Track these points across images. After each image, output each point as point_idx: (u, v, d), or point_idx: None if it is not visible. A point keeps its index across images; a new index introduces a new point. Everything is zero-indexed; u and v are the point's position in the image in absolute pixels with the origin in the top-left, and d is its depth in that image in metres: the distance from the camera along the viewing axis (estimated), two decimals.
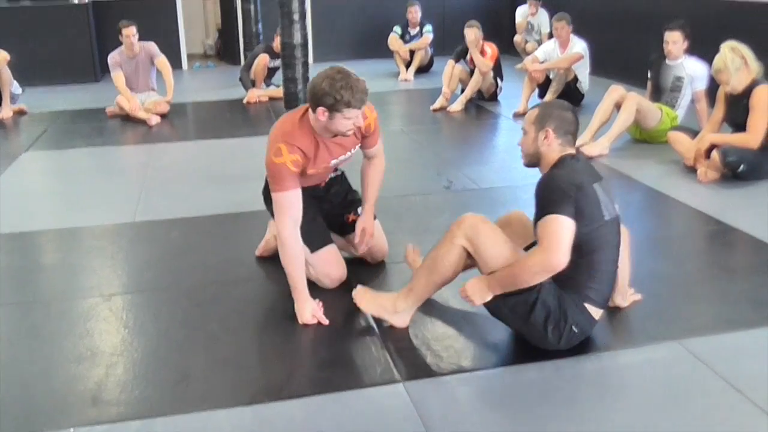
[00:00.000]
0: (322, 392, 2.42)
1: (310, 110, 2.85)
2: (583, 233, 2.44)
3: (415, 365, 2.58)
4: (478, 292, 2.56)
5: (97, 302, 3.12)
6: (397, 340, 2.73)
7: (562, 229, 2.40)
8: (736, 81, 4.36)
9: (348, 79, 2.73)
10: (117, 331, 2.88)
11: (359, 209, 3.33)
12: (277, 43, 7.30)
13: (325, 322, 2.85)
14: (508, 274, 2.49)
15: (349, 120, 2.79)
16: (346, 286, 3.14)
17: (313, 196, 3.14)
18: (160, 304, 3.12)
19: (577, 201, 2.42)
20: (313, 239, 3.07)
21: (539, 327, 2.51)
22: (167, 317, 3.00)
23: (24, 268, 3.58)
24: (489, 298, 2.55)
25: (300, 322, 2.85)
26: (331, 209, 3.33)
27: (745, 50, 4.37)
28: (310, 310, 2.86)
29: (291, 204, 2.85)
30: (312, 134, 2.90)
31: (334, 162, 3.06)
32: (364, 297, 2.86)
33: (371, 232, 3.27)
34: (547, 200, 2.45)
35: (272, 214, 3.16)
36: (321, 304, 2.90)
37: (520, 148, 2.70)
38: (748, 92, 4.35)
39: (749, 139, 4.36)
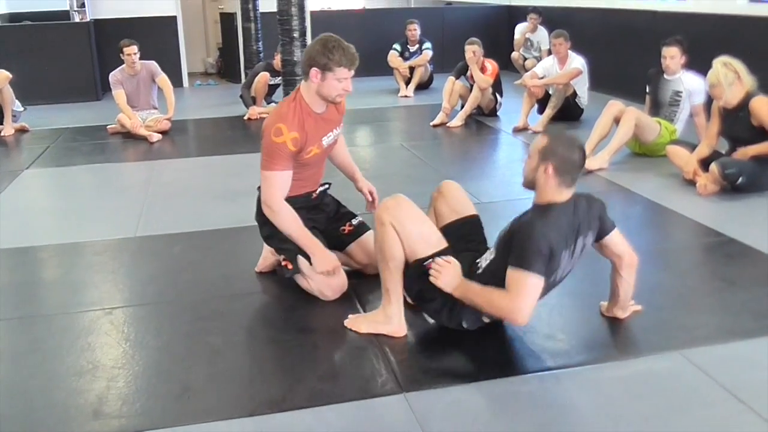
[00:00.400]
0: (323, 404, 2.42)
1: (302, 84, 3.05)
2: None
3: (416, 376, 2.58)
4: (449, 280, 2.63)
5: (98, 316, 3.13)
6: (398, 352, 2.73)
7: (532, 289, 2.46)
8: (730, 95, 4.39)
9: (340, 42, 2.95)
10: (118, 345, 2.88)
11: (354, 220, 3.37)
12: (277, 61, 7.34)
13: (343, 275, 3.02)
14: (477, 295, 2.58)
15: (339, 83, 2.95)
16: (346, 297, 3.16)
17: (307, 208, 3.20)
18: (161, 318, 3.13)
19: (546, 261, 2.47)
20: None
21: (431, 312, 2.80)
22: (168, 331, 3.01)
23: (26, 283, 3.58)
24: (449, 291, 2.63)
25: (319, 270, 2.97)
26: (327, 223, 3.35)
27: (737, 65, 4.40)
28: (329, 257, 2.97)
29: (283, 182, 3.01)
30: (305, 111, 3.04)
31: (324, 140, 3.17)
32: (356, 322, 2.91)
33: (374, 191, 3.44)
34: (523, 249, 2.46)
35: (265, 239, 3.25)
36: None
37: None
38: (742, 105, 4.39)
39: None
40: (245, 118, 7.56)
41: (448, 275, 2.64)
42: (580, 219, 2.60)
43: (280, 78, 7.55)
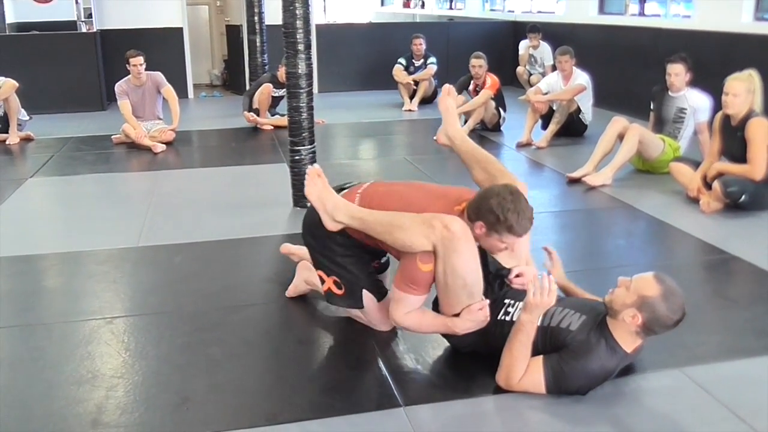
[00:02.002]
0: (323, 417, 2.42)
1: (466, 217, 2.64)
2: None
3: (416, 390, 2.58)
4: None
5: (99, 325, 3.13)
6: (398, 365, 2.73)
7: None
8: (740, 103, 4.39)
9: (518, 203, 2.53)
10: (118, 354, 2.87)
11: (383, 257, 3.18)
12: (281, 73, 7.36)
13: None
14: (511, 355, 2.52)
15: (503, 244, 2.60)
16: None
17: (367, 252, 3.02)
18: (162, 328, 3.12)
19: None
20: (379, 289, 2.99)
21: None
22: (169, 341, 3.00)
23: (27, 291, 3.58)
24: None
25: (467, 328, 2.64)
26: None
27: (758, 81, 4.43)
28: (471, 319, 2.63)
29: (416, 304, 2.70)
30: None
31: None
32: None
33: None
34: (575, 370, 2.46)
35: (316, 265, 3.05)
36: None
37: None
38: (742, 124, 4.40)
39: (751, 171, 4.39)
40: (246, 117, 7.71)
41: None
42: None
43: (284, 90, 7.58)
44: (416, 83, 9.06)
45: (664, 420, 2.36)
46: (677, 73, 5.33)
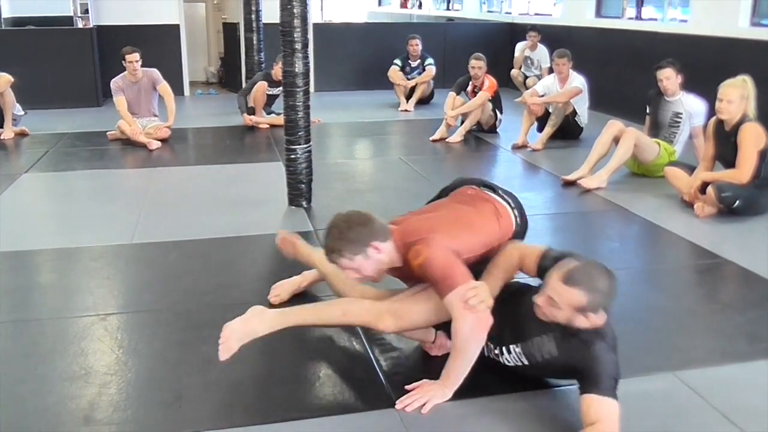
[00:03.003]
0: (315, 415, 2.42)
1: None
2: None
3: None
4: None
5: (92, 322, 3.12)
6: (391, 365, 2.73)
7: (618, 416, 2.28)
8: (734, 109, 4.41)
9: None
10: (111, 351, 2.87)
11: None
12: (276, 71, 7.40)
13: None
14: None
15: None
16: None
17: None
18: (155, 326, 3.12)
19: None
20: None
21: None
22: (162, 339, 2.99)
23: (20, 287, 3.57)
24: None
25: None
26: None
27: (753, 88, 4.45)
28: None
29: None
30: None
31: None
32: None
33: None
34: (601, 377, 2.30)
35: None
36: None
37: None
38: (735, 129, 4.42)
39: (738, 175, 4.41)
40: (244, 123, 7.65)
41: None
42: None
43: (279, 89, 7.59)
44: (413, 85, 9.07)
45: (657, 423, 2.37)
46: (668, 77, 5.35)
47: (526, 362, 2.49)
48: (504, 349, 2.54)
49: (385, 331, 2.62)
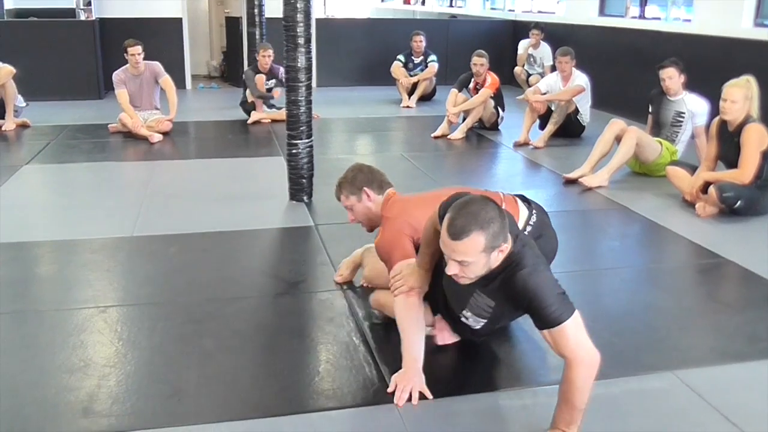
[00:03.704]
0: (314, 410, 2.42)
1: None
2: None
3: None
4: None
5: (92, 314, 3.12)
6: (391, 361, 2.72)
7: (579, 329, 2.20)
8: (738, 110, 4.40)
9: None
10: (111, 343, 2.87)
11: None
12: (260, 61, 7.56)
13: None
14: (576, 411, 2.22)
15: None
16: (345, 315, 3.16)
17: None
18: (155, 319, 3.11)
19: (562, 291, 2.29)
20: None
21: None
22: (162, 332, 2.99)
23: (20, 279, 3.57)
24: None
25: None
26: None
27: (756, 88, 4.44)
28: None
29: None
30: None
31: None
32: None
33: None
34: (543, 307, 2.18)
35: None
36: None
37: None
38: (739, 130, 4.41)
39: (740, 175, 4.41)
40: (249, 122, 7.63)
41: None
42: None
43: (273, 81, 7.62)
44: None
45: (656, 422, 2.37)
46: (670, 76, 5.34)
47: (484, 320, 2.54)
48: (462, 318, 2.60)
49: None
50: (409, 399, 2.44)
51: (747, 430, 2.31)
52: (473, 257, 2.16)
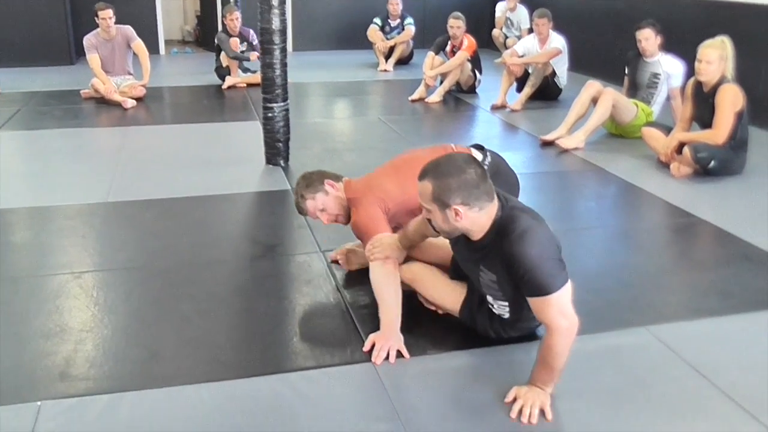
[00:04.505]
0: (293, 370, 2.43)
1: None
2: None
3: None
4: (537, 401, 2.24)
5: (67, 280, 3.09)
6: (369, 321, 2.73)
7: (564, 300, 2.20)
8: (714, 70, 4.41)
9: None
10: (87, 309, 2.85)
11: None
12: (228, 24, 7.49)
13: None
14: (554, 372, 2.24)
15: None
16: (325, 279, 3.16)
17: None
18: (131, 284, 3.10)
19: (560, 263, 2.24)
20: None
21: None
22: (138, 296, 2.98)
23: None
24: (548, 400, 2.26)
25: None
26: None
27: (731, 48, 4.44)
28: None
29: None
30: None
31: None
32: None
33: None
34: (536, 277, 2.15)
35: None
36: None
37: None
38: (714, 91, 4.43)
39: (715, 136, 4.44)
40: (224, 87, 7.54)
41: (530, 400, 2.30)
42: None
43: (245, 43, 7.52)
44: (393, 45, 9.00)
45: (630, 377, 2.40)
46: (647, 37, 5.34)
47: (505, 303, 2.46)
48: (489, 305, 2.56)
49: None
50: (387, 358, 2.47)
51: (717, 383, 2.35)
52: (427, 204, 2.23)
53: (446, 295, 2.72)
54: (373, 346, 2.52)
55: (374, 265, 2.71)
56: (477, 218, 2.22)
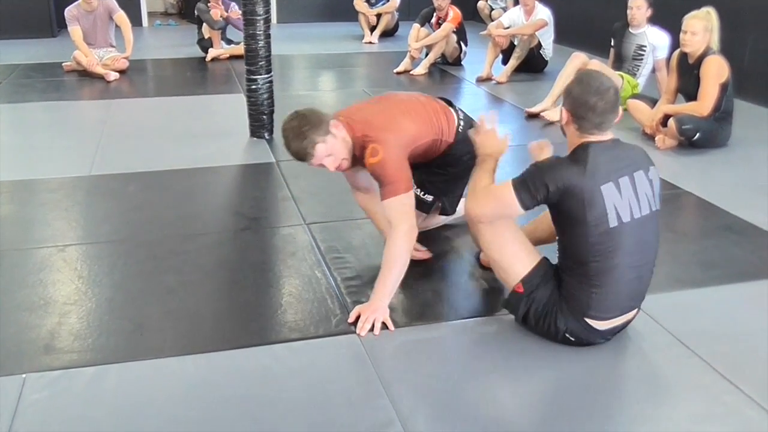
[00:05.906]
0: (277, 341, 2.43)
1: None
2: (574, 241, 2.31)
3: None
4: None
5: (50, 253, 3.08)
6: (353, 293, 2.74)
7: (501, 201, 2.46)
8: (699, 41, 4.40)
9: None
10: (71, 282, 2.84)
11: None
12: None
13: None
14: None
15: None
16: (309, 249, 3.15)
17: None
18: (115, 256, 3.09)
19: (556, 202, 2.38)
20: None
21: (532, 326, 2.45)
22: (122, 269, 2.97)
23: None
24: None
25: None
26: None
27: (716, 19, 4.43)
28: None
29: None
30: None
31: None
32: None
33: None
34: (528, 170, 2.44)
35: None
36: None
37: None
38: (699, 62, 4.43)
39: (699, 108, 4.44)
40: (207, 59, 7.46)
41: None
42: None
43: (227, 13, 7.43)
44: (378, 15, 8.92)
45: (613, 346, 2.42)
46: (639, 5, 5.32)
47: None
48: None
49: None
50: (371, 330, 2.47)
51: (699, 352, 2.38)
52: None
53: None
54: (358, 317, 2.53)
55: (400, 233, 2.54)
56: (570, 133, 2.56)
